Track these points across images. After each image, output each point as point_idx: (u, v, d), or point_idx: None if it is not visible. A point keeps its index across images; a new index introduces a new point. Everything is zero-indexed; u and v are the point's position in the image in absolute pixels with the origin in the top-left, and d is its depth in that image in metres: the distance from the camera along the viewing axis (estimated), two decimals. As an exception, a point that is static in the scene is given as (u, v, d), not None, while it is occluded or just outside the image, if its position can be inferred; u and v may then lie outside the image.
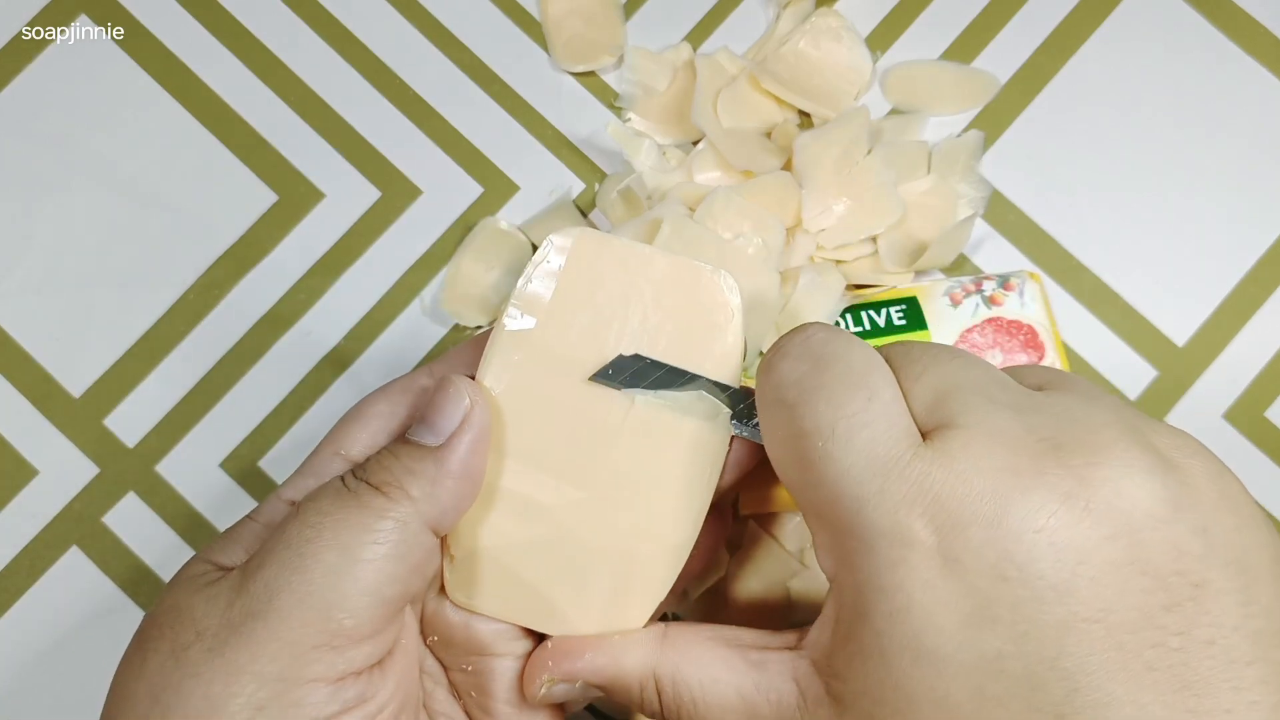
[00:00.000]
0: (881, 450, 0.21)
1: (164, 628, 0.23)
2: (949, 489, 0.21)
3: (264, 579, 0.23)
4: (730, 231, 0.36)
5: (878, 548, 0.21)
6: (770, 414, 0.24)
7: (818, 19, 0.39)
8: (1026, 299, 0.36)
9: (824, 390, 0.22)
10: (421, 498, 0.24)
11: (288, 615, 0.22)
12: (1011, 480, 0.20)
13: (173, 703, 0.22)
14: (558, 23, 0.41)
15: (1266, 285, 0.39)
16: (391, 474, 0.24)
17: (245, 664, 0.22)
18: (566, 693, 0.26)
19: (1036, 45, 0.41)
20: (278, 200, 0.40)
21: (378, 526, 0.23)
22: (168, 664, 0.23)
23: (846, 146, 0.37)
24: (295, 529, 0.23)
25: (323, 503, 0.24)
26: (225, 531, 0.26)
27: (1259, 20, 0.40)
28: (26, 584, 0.38)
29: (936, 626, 0.20)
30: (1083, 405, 0.22)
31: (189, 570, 0.25)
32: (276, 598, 0.23)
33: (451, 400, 0.25)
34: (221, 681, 0.22)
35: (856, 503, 0.21)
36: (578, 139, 0.40)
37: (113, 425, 0.38)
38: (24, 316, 0.39)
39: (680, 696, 0.24)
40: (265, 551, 0.24)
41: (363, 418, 0.27)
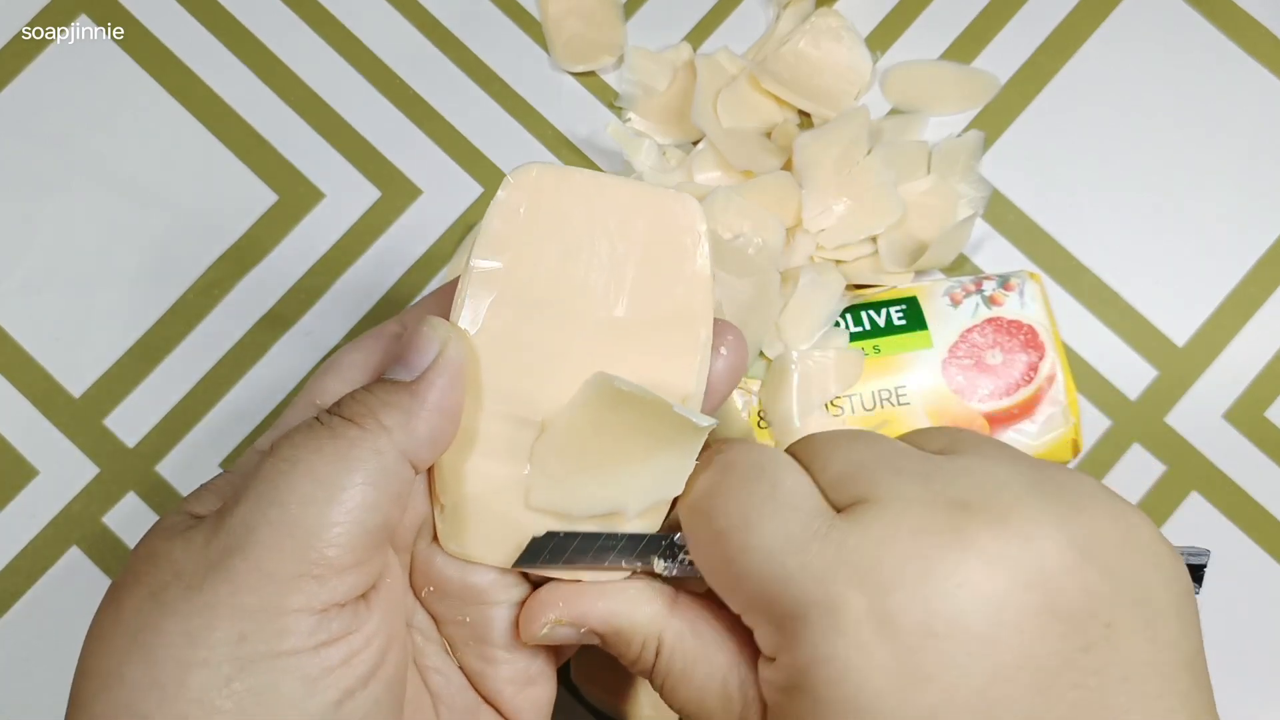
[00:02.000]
0: (796, 528, 0.22)
1: (140, 574, 0.23)
2: (870, 554, 0.21)
3: (240, 515, 0.23)
4: (730, 231, 0.36)
5: (811, 618, 0.22)
6: (691, 530, 0.25)
7: (818, 19, 0.39)
8: (1026, 299, 0.36)
9: (730, 490, 0.24)
10: (396, 428, 0.24)
11: (267, 547, 0.22)
12: (929, 540, 0.21)
13: (151, 641, 0.22)
14: (558, 23, 0.41)
15: (1266, 285, 0.39)
16: (366, 406, 0.24)
17: (225, 597, 0.22)
18: (566, 636, 0.26)
19: (1036, 45, 0.41)
20: (278, 200, 0.40)
21: (353, 454, 0.23)
22: (145, 605, 0.22)
23: (846, 146, 0.37)
24: (270, 464, 0.23)
25: (296, 437, 0.23)
26: (201, 486, 0.26)
27: (1259, 20, 0.40)
28: (26, 584, 0.38)
29: (874, 690, 0.21)
30: (985, 465, 0.23)
31: (165, 521, 0.24)
32: (254, 531, 0.22)
33: (425, 337, 0.25)
34: (201, 616, 0.22)
35: (782, 582, 0.22)
36: (578, 139, 0.40)
37: (113, 425, 0.38)
38: (24, 316, 0.39)
39: (672, 663, 0.25)
40: (241, 490, 0.23)
41: (336, 368, 0.27)
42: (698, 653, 0.25)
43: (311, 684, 0.22)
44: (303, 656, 0.22)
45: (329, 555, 0.23)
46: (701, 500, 0.25)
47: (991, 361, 0.35)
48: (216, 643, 0.22)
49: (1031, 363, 0.36)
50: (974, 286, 0.36)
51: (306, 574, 0.22)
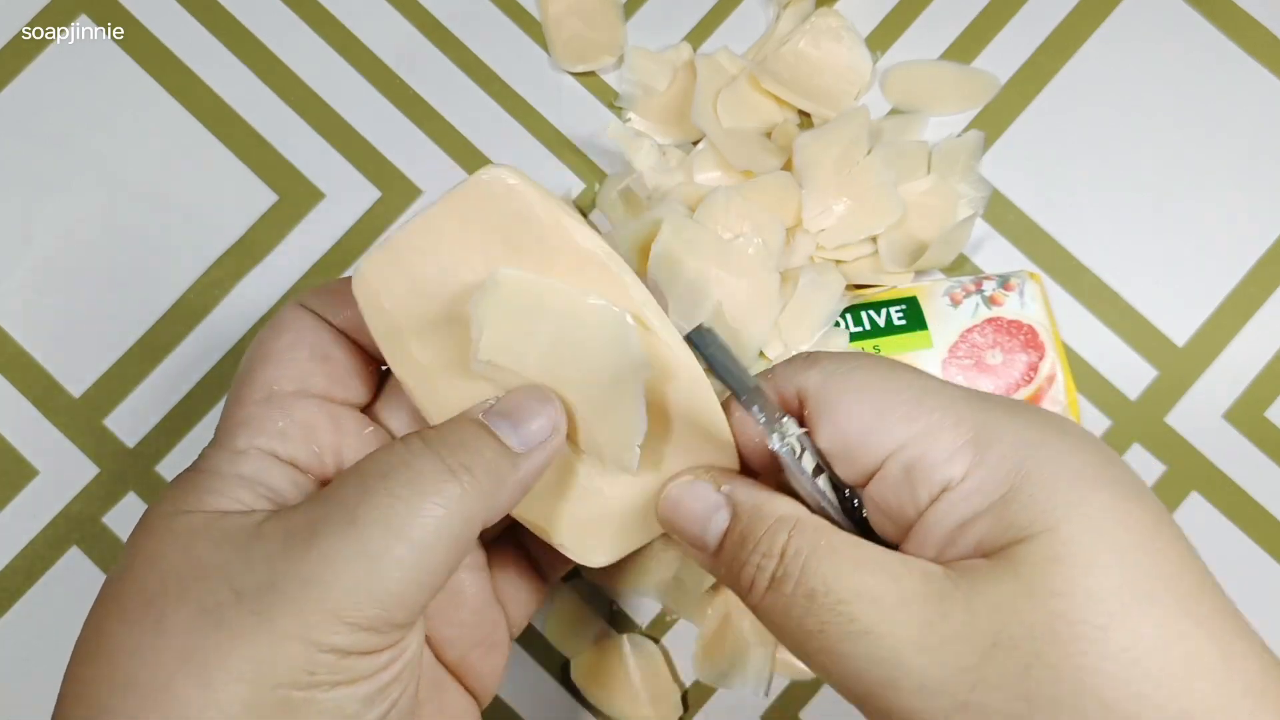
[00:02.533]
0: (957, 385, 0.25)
1: (186, 583, 0.22)
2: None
3: (322, 549, 0.22)
4: (730, 231, 0.36)
5: (1016, 411, 0.24)
6: (849, 367, 0.25)
7: (818, 19, 0.39)
8: (1026, 299, 0.36)
9: (887, 358, 0.26)
10: (488, 490, 0.24)
11: (346, 593, 0.22)
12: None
13: (211, 662, 0.22)
14: (558, 23, 0.41)
15: (1266, 285, 0.39)
16: (468, 457, 0.24)
17: (296, 632, 0.22)
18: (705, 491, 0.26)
19: (1036, 45, 0.41)
20: (278, 200, 0.40)
21: (448, 519, 0.23)
22: (198, 622, 0.22)
23: (846, 146, 0.37)
24: (361, 508, 0.23)
25: (393, 482, 0.23)
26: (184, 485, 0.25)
27: (1259, 20, 0.40)
28: (26, 584, 0.38)
29: (1103, 456, 0.23)
30: None
31: (184, 522, 0.24)
32: (337, 572, 0.22)
33: (544, 413, 0.25)
34: (269, 646, 0.22)
35: (973, 397, 0.24)
36: (578, 139, 0.40)
37: (113, 425, 0.38)
38: (24, 316, 0.39)
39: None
40: (323, 518, 0.23)
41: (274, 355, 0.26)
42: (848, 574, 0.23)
43: (369, 702, 0.23)
44: (360, 684, 0.23)
45: (398, 617, 0.23)
46: (856, 356, 0.25)
47: (991, 361, 0.35)
48: (283, 675, 0.22)
49: (1031, 363, 0.36)
50: (974, 287, 0.36)
51: (374, 628, 0.22)
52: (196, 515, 0.24)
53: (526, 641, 0.37)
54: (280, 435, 0.26)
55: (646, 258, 0.35)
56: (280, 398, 0.26)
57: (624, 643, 0.37)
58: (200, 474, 0.25)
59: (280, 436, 0.26)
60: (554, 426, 0.25)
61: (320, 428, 0.26)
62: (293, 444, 0.26)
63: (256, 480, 0.25)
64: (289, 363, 0.26)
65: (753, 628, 0.36)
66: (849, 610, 0.22)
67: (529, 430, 0.25)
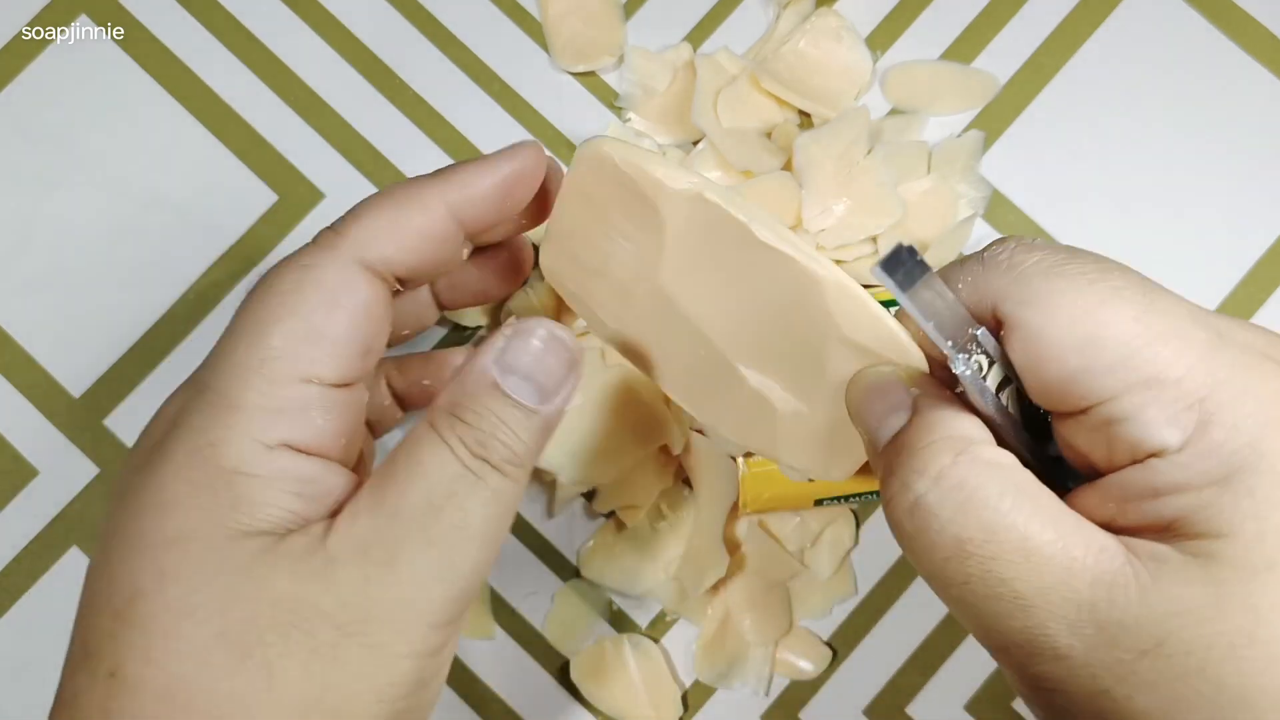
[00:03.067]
0: (1199, 309, 0.21)
1: (284, 628, 0.22)
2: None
3: (410, 573, 0.23)
4: (730, 231, 0.36)
5: (1251, 386, 0.19)
6: (1049, 295, 0.21)
7: (818, 19, 0.39)
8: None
9: (1107, 263, 0.21)
10: (529, 463, 0.25)
11: (439, 606, 0.23)
12: None
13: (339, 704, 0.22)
14: (558, 23, 0.41)
15: (1266, 285, 0.39)
16: (511, 450, 0.24)
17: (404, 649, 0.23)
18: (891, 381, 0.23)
19: (1036, 45, 0.41)
20: (278, 200, 0.40)
21: (507, 510, 0.24)
22: (314, 668, 0.22)
23: (846, 147, 0.37)
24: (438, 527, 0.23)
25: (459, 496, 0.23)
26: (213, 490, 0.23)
27: (1259, 20, 0.40)
28: (26, 584, 0.38)
29: None
30: None
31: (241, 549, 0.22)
32: (429, 592, 0.23)
33: (559, 360, 0.25)
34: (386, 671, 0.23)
35: (1205, 346, 0.20)
36: (578, 139, 0.40)
37: (113, 425, 0.38)
38: (24, 316, 0.39)
39: None
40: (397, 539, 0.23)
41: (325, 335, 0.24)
42: None
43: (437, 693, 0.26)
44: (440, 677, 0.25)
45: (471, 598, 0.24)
46: (1064, 265, 0.21)
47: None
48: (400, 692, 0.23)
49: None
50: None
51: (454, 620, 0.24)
52: (253, 539, 0.23)
53: (526, 641, 0.37)
54: (317, 432, 0.24)
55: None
56: (319, 389, 0.24)
57: (624, 643, 0.37)
58: (229, 476, 0.23)
59: (316, 433, 0.24)
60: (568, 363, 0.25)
61: (351, 416, 0.25)
62: (323, 438, 0.24)
63: (296, 479, 0.24)
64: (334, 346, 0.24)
65: (753, 627, 0.36)
66: (1003, 571, 0.19)
67: (544, 379, 0.25)
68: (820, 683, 0.37)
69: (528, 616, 0.38)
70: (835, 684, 0.37)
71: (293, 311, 0.24)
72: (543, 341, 0.24)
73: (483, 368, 0.24)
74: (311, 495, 0.24)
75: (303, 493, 0.23)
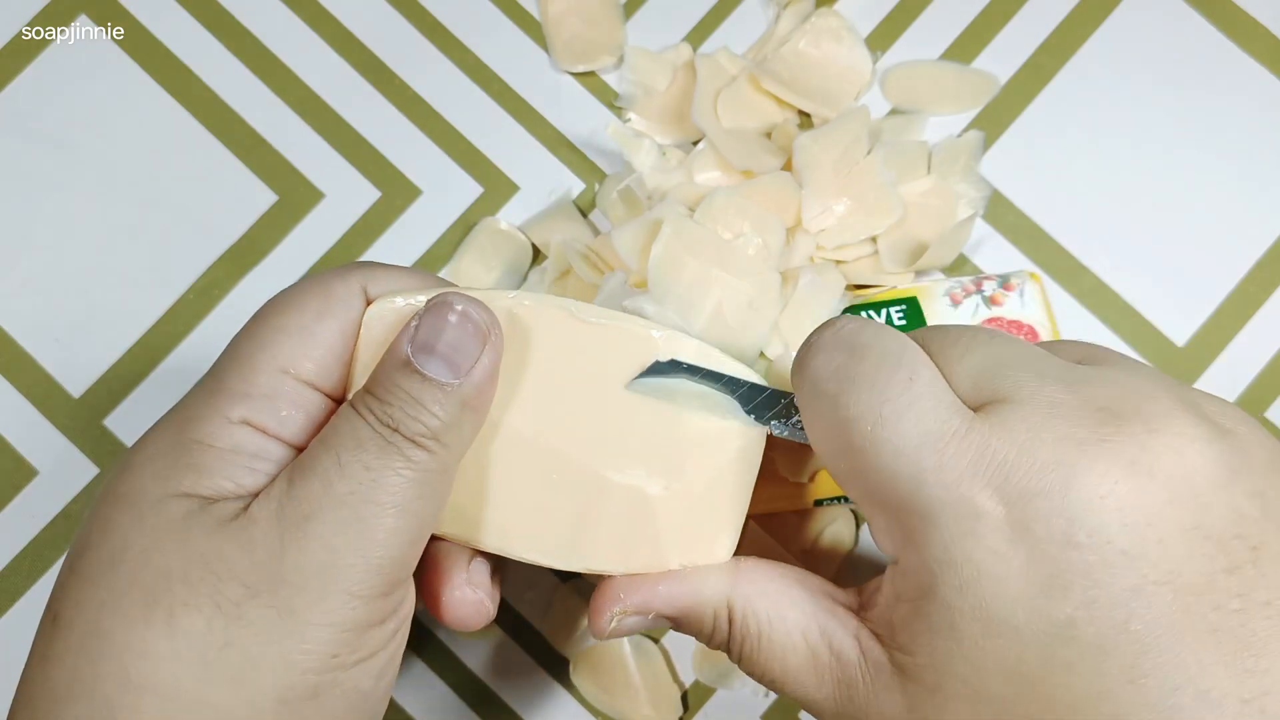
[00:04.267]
0: (933, 426, 0.22)
1: (194, 582, 0.22)
2: (1011, 459, 0.21)
3: (320, 536, 0.23)
4: (730, 231, 0.36)
5: (942, 522, 0.21)
6: (812, 408, 0.24)
7: (818, 19, 0.39)
8: (1027, 299, 0.36)
9: (863, 378, 0.23)
10: (451, 441, 0.24)
11: (355, 573, 0.23)
12: (1075, 449, 0.20)
13: (239, 661, 0.22)
14: (558, 23, 0.41)
15: (1266, 285, 0.39)
16: (423, 424, 0.24)
17: (319, 619, 0.23)
18: (635, 625, 0.26)
19: (1036, 45, 0.41)
20: (278, 200, 0.40)
21: (426, 482, 0.24)
22: (217, 623, 0.22)
23: (846, 146, 0.37)
24: (345, 484, 0.23)
25: (367, 455, 0.23)
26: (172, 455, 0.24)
27: (1259, 20, 0.40)
28: (26, 584, 0.38)
29: (1008, 596, 0.20)
30: (1129, 376, 0.22)
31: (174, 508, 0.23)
32: (342, 557, 0.23)
33: (470, 334, 0.25)
34: (296, 638, 0.22)
35: (914, 481, 0.21)
36: (578, 139, 0.40)
37: (113, 425, 0.38)
38: (24, 316, 0.39)
39: (747, 628, 0.25)
40: (309, 500, 0.23)
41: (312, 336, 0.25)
42: (771, 614, 0.25)
43: (379, 675, 0.24)
44: (376, 658, 0.24)
45: (400, 576, 0.24)
46: (827, 383, 0.23)
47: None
48: (311, 662, 0.23)
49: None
50: (974, 287, 0.36)
51: (384, 593, 0.23)
52: (190, 500, 0.24)
53: (526, 641, 0.37)
54: (280, 421, 0.25)
55: (646, 258, 0.35)
56: (295, 382, 0.25)
57: (624, 643, 0.37)
58: (190, 445, 0.24)
59: (279, 421, 0.25)
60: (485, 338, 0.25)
61: (318, 420, 0.26)
62: (287, 428, 0.25)
63: (249, 454, 0.25)
64: (320, 349, 0.25)
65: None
66: (782, 689, 0.25)
67: (457, 355, 0.24)
68: (820, 683, 0.37)
69: (528, 616, 0.38)
70: (835, 684, 0.37)
71: (290, 310, 0.26)
72: (456, 317, 0.25)
73: (397, 348, 0.25)
74: (264, 473, 0.24)
75: (256, 469, 0.24)
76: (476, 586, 0.27)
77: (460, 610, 0.27)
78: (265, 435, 0.25)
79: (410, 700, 0.37)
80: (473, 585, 0.27)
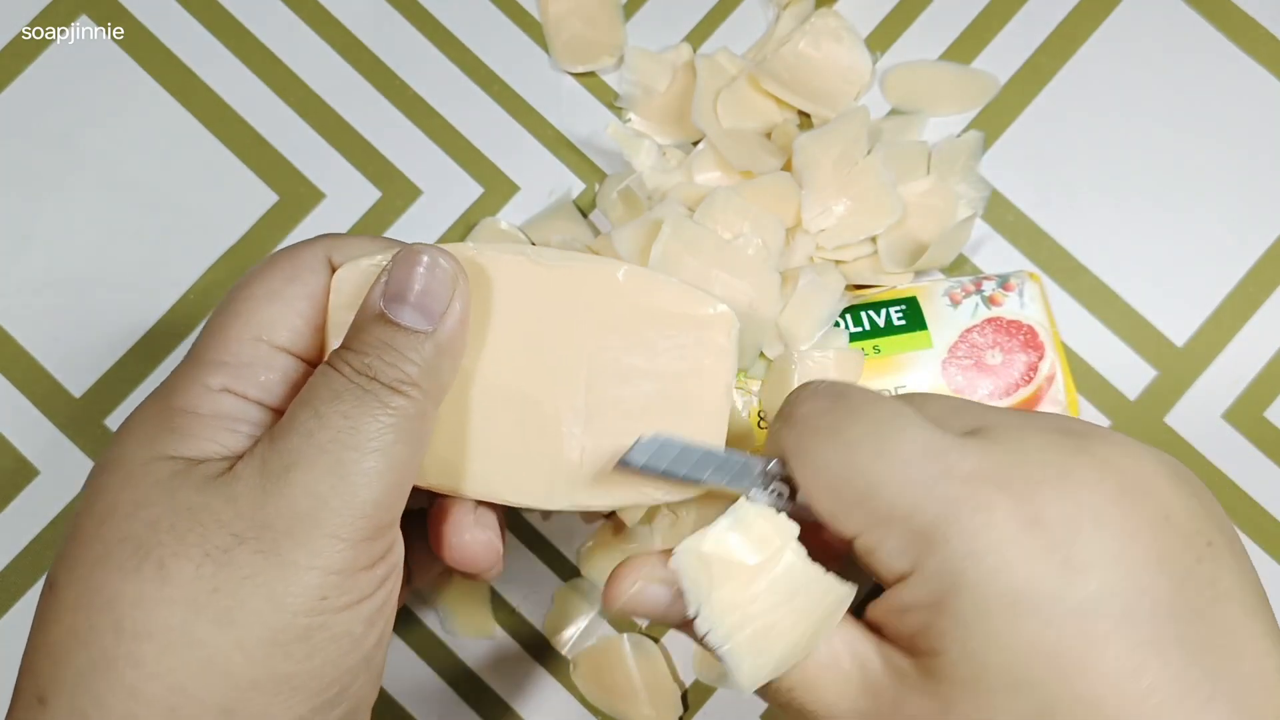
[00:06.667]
0: (934, 439, 0.23)
1: (181, 531, 0.23)
2: (1009, 460, 0.23)
3: (303, 482, 0.23)
4: (730, 232, 0.36)
5: (961, 519, 0.22)
6: (808, 448, 0.25)
7: (818, 19, 0.39)
8: (1026, 299, 0.36)
9: (858, 410, 0.24)
10: (429, 385, 0.25)
11: (339, 516, 0.23)
12: (1058, 452, 0.23)
13: (228, 603, 0.23)
14: (558, 23, 0.41)
15: (1266, 285, 0.39)
16: (400, 370, 0.25)
17: (305, 561, 0.23)
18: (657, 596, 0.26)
19: (1036, 45, 0.41)
20: (278, 200, 0.40)
21: (405, 427, 0.24)
22: (205, 568, 0.23)
23: (846, 147, 0.37)
24: (325, 433, 0.24)
25: (344, 405, 0.24)
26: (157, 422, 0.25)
27: (1259, 20, 0.40)
28: (26, 584, 0.38)
29: (1035, 578, 0.21)
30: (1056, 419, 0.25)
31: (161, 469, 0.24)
32: (325, 500, 0.23)
33: (439, 280, 0.25)
34: (284, 581, 0.23)
35: (927, 486, 0.23)
36: (578, 139, 0.40)
37: (113, 425, 0.38)
38: (24, 316, 0.39)
39: None
40: (290, 451, 0.24)
41: (280, 301, 0.27)
42: None
43: (370, 622, 0.25)
44: (365, 603, 0.24)
45: (385, 520, 0.24)
46: (821, 418, 0.25)
47: (991, 361, 0.35)
48: (299, 604, 0.23)
49: (1031, 363, 0.36)
50: (974, 287, 0.36)
51: (370, 537, 0.24)
52: (176, 462, 0.24)
53: (526, 641, 0.37)
54: (259, 386, 0.26)
55: (647, 258, 0.35)
56: (270, 349, 0.26)
57: (624, 643, 0.37)
58: (174, 412, 0.25)
59: (259, 387, 0.26)
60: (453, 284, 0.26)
61: (296, 384, 0.27)
62: (267, 393, 0.26)
63: (232, 418, 0.25)
64: (291, 314, 0.27)
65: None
66: (796, 698, 0.24)
67: (428, 302, 0.25)
68: (820, 683, 0.37)
69: (528, 616, 0.38)
70: (835, 684, 0.37)
71: (260, 280, 0.27)
72: (424, 267, 0.25)
73: (369, 301, 0.26)
74: (247, 435, 0.25)
75: (237, 430, 0.25)
76: (485, 527, 0.28)
77: (471, 550, 0.28)
78: (246, 400, 0.26)
79: (411, 700, 0.37)
80: (481, 526, 0.28)
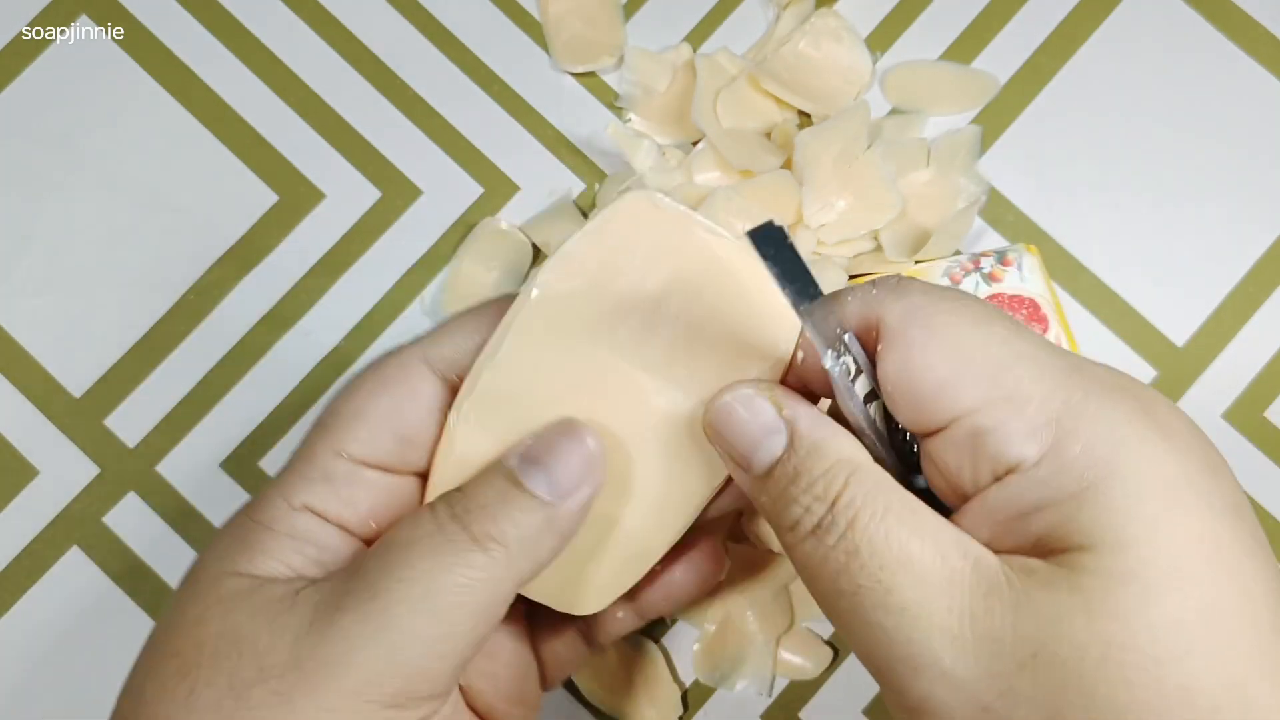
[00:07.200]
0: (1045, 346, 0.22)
1: (220, 657, 0.22)
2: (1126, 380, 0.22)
3: (343, 626, 0.22)
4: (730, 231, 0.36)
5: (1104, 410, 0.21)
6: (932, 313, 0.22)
7: (818, 19, 0.39)
8: (1025, 272, 0.36)
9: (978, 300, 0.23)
10: (519, 555, 0.23)
11: (366, 672, 0.21)
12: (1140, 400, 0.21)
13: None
14: (558, 23, 0.41)
15: (1266, 285, 0.39)
16: (496, 525, 0.23)
17: (312, 714, 0.21)
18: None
19: (1036, 45, 0.41)
20: (278, 200, 0.40)
21: (474, 590, 0.22)
22: (225, 702, 0.22)
23: (846, 142, 0.37)
24: (384, 581, 0.22)
25: (416, 551, 0.22)
26: (236, 535, 0.24)
27: (1259, 20, 0.40)
28: (26, 584, 0.38)
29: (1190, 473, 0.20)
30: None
31: (228, 585, 0.23)
32: (356, 652, 0.21)
33: (579, 455, 0.24)
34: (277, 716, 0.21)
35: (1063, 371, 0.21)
36: (578, 139, 0.40)
37: (113, 425, 0.38)
38: (24, 316, 0.39)
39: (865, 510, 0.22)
40: (348, 591, 0.22)
41: (362, 415, 0.25)
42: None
43: None
44: None
45: (422, 690, 0.22)
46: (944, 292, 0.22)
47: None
48: None
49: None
50: (972, 265, 0.36)
51: (398, 704, 0.22)
52: (243, 579, 0.23)
53: (526, 641, 0.37)
54: (341, 502, 0.25)
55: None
56: (355, 465, 0.25)
57: (624, 643, 0.37)
58: (255, 526, 0.24)
59: (340, 503, 0.25)
60: (589, 463, 0.23)
61: (383, 503, 0.25)
62: (350, 511, 0.25)
63: (307, 540, 0.24)
64: (380, 430, 0.25)
65: (754, 627, 0.36)
66: (889, 580, 0.20)
67: (562, 474, 0.23)
68: (820, 683, 0.37)
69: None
70: (835, 684, 0.37)
71: (349, 395, 0.25)
72: (567, 439, 0.24)
73: (503, 457, 0.24)
74: (317, 559, 0.24)
75: (308, 554, 0.24)
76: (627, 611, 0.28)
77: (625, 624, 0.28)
78: (325, 521, 0.24)
79: (410, 700, 0.37)
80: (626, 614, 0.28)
